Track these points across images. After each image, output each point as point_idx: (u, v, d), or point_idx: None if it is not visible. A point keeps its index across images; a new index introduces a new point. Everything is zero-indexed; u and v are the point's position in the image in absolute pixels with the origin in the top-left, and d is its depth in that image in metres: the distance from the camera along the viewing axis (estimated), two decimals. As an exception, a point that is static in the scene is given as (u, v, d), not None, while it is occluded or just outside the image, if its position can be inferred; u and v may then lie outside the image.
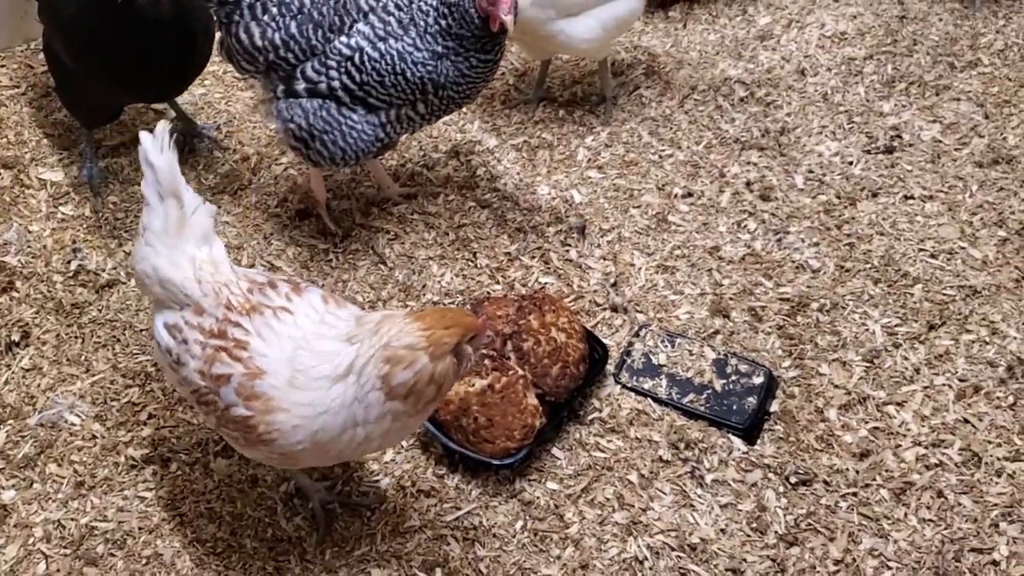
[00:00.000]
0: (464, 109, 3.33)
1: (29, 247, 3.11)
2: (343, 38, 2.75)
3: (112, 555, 2.44)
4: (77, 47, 2.95)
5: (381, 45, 2.73)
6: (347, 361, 1.99)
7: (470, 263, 3.06)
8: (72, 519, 2.50)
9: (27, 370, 2.81)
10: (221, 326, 2.09)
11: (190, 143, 3.43)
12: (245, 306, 2.11)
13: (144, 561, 2.43)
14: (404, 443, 2.62)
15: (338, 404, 2.00)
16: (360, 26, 2.76)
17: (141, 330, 2.89)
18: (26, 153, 3.41)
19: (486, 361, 2.57)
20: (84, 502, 2.53)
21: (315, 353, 2.04)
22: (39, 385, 2.77)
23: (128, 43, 2.81)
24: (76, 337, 2.87)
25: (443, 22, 2.72)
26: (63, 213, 3.22)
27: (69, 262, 3.06)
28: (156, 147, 2.15)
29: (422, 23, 2.74)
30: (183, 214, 2.18)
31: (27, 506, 2.53)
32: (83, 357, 2.83)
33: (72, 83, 3.12)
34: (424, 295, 2.97)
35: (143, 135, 2.17)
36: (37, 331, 2.89)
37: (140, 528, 2.48)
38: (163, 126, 2.19)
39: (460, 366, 2.05)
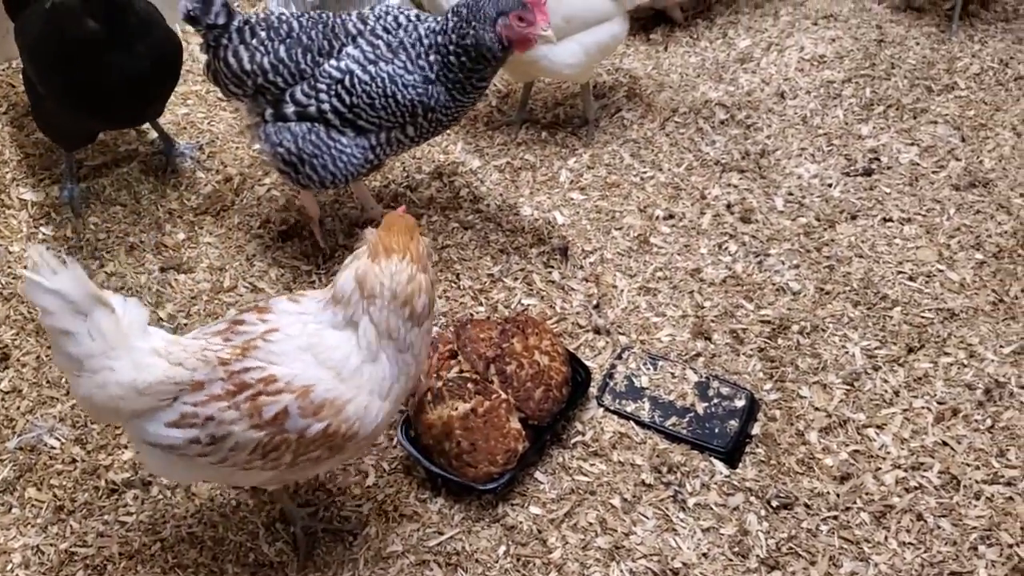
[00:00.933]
0: (447, 131, 3.34)
1: (9, 267, 3.09)
2: (333, 61, 2.76)
3: (92, 581, 2.42)
4: (42, 71, 2.94)
5: (372, 68, 2.74)
6: (370, 336, 2.08)
7: (453, 284, 3.07)
8: (51, 544, 2.48)
9: (6, 392, 2.79)
10: (234, 380, 2.03)
11: (172, 163, 3.42)
12: (236, 352, 2.05)
13: (124, 587, 2.41)
14: (386, 467, 2.62)
15: (391, 363, 2.11)
16: (350, 49, 2.77)
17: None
18: (7, 173, 3.39)
19: (469, 385, 2.57)
20: (64, 527, 2.51)
21: (331, 346, 2.08)
22: (18, 407, 2.75)
23: (84, 68, 2.80)
24: (56, 359, 2.85)
25: (454, 59, 2.73)
26: (43, 233, 3.20)
27: (49, 283, 3.04)
28: (47, 272, 1.90)
29: (414, 51, 2.75)
30: (116, 316, 1.97)
31: (5, 531, 2.50)
32: (63, 379, 2.81)
33: (44, 106, 3.11)
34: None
35: (26, 274, 1.91)
36: (17, 353, 2.87)
37: (120, 553, 2.46)
38: (34, 250, 1.91)
39: None
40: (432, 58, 2.74)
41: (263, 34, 2.78)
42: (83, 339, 1.93)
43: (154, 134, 3.46)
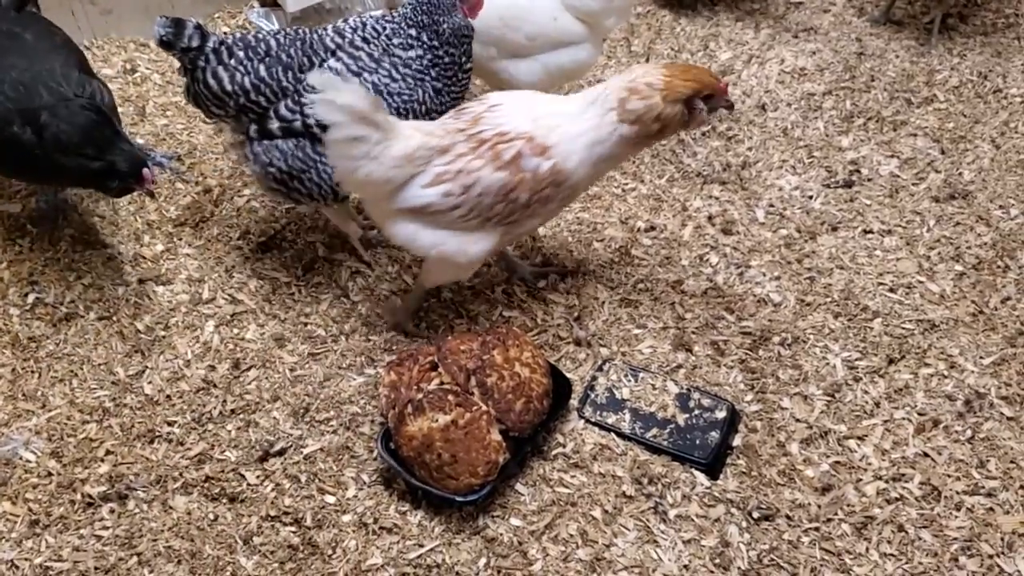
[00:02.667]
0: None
1: (-15, 280, 3.06)
2: None
3: (66, 597, 2.39)
4: None
5: (356, 81, 2.74)
6: (596, 92, 2.59)
7: (433, 297, 3.06)
8: (26, 559, 2.44)
9: (-20, 406, 2.76)
10: (474, 139, 2.56)
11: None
12: (469, 123, 2.59)
13: (99, 603, 2.38)
14: (366, 479, 2.60)
15: (588, 126, 2.57)
16: (332, 63, 2.76)
17: (99, 364, 2.85)
18: (-17, 184, 3.37)
19: (449, 397, 2.56)
20: (38, 541, 2.48)
21: (555, 112, 2.61)
22: (-7, 421, 2.72)
23: None
24: (32, 371, 2.82)
25: (442, 52, 2.78)
26: (20, 245, 3.17)
27: (26, 295, 3.01)
28: (333, 92, 2.37)
29: (398, 56, 2.76)
30: (384, 111, 2.50)
31: (-22, 546, 2.47)
32: (39, 392, 2.78)
33: None
34: (387, 330, 2.96)
35: (316, 97, 2.39)
36: (-8, 366, 2.84)
37: (96, 568, 2.43)
38: (314, 75, 2.42)
39: (690, 119, 2.60)
40: (419, 60, 2.75)
41: (241, 54, 2.77)
42: (369, 135, 2.45)
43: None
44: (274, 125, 2.79)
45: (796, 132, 3.70)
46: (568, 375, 2.77)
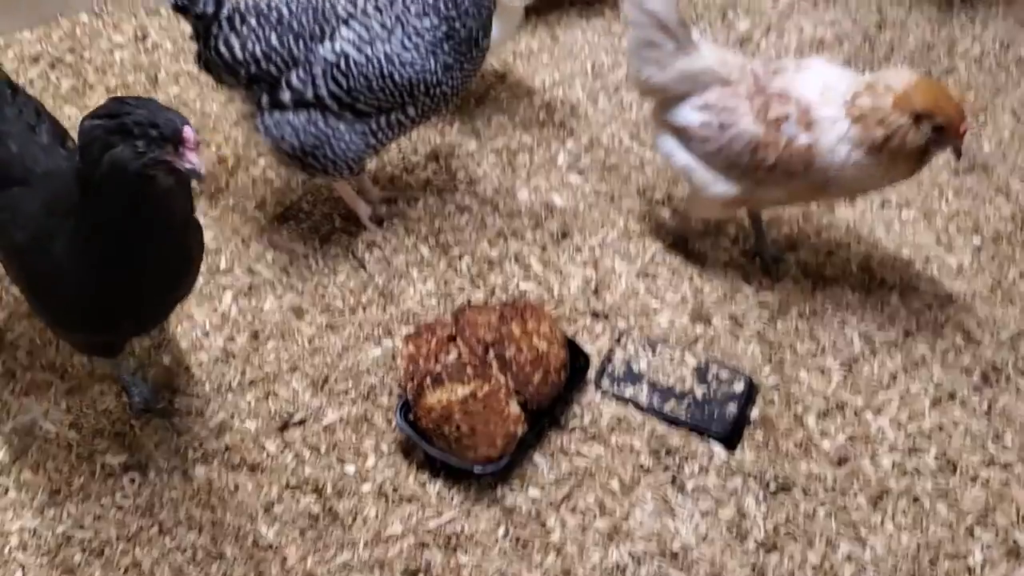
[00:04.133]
0: (448, 108, 3.32)
1: None
2: (327, 44, 2.73)
3: (89, 564, 2.41)
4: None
5: (367, 49, 2.72)
6: (847, 83, 2.57)
7: (450, 268, 3.05)
8: (48, 528, 2.47)
9: None
10: (758, 85, 2.60)
11: None
12: (769, 72, 2.62)
13: (123, 570, 2.40)
14: (385, 450, 2.62)
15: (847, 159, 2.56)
16: (344, 31, 2.74)
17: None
18: None
19: (468, 369, 2.56)
20: (60, 510, 2.50)
21: (834, 89, 2.58)
22: (12, 391, 2.73)
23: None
24: (51, 342, 2.83)
25: (459, 25, 2.72)
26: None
27: (43, 265, 3.01)
28: None
29: (412, 26, 2.72)
30: (687, 26, 2.63)
31: (2, 513, 2.49)
32: (58, 362, 2.79)
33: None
34: (404, 301, 2.96)
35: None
36: (10, 335, 2.84)
37: (118, 537, 2.45)
38: None
39: (925, 147, 2.55)
40: (429, 23, 2.71)
41: (253, 21, 2.75)
42: (664, 44, 2.61)
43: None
44: (285, 96, 2.77)
45: (814, 103, 3.66)
46: (586, 348, 2.78)
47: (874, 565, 2.43)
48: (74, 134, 3.32)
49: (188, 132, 1.99)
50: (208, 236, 3.11)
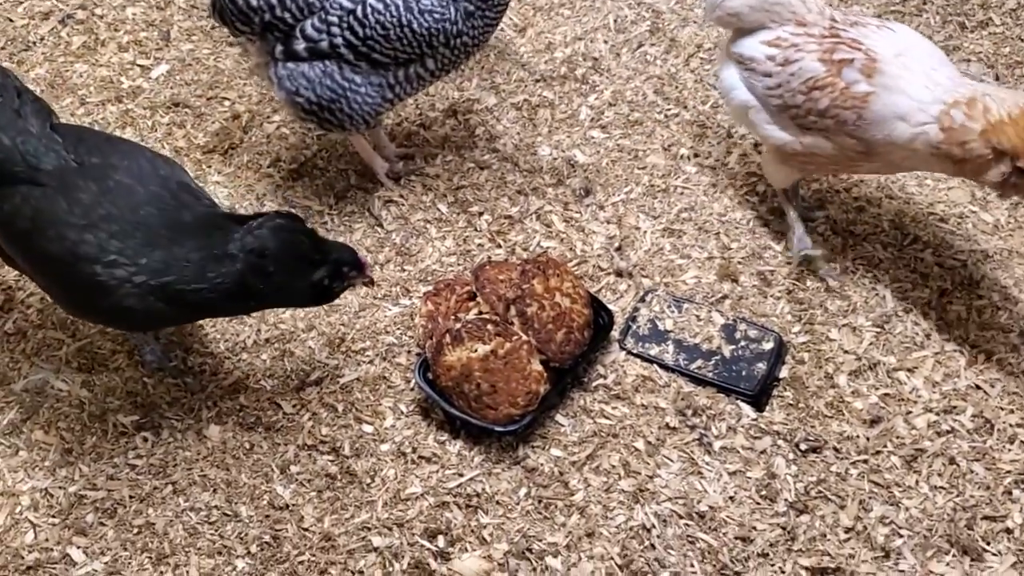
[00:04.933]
0: (467, 62, 3.22)
1: None
2: None
3: (103, 524, 2.37)
4: None
5: None
6: (963, 85, 2.42)
7: (469, 226, 2.97)
8: (60, 487, 2.43)
9: (11, 334, 2.72)
10: (832, 30, 2.55)
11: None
12: (848, 22, 2.57)
13: (136, 530, 2.36)
14: (404, 409, 2.55)
15: (917, 101, 2.41)
16: None
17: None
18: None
19: (488, 326, 2.49)
20: (72, 470, 2.46)
21: (920, 68, 2.45)
22: (23, 350, 2.68)
23: None
24: (62, 300, 2.77)
25: None
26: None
27: (54, 223, 2.95)
28: None
29: None
30: None
31: (13, 474, 2.45)
32: (69, 321, 2.73)
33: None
34: (422, 260, 2.89)
35: None
36: (21, 294, 2.79)
37: (131, 496, 2.41)
38: None
39: (1002, 182, 2.38)
40: None
41: None
42: None
43: (157, 70, 3.36)
44: (300, 45, 2.69)
45: (843, 57, 3.54)
46: (609, 306, 2.70)
47: (909, 527, 2.35)
48: (84, 93, 3.31)
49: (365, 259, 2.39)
50: (222, 194, 3.06)
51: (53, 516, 2.38)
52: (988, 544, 2.33)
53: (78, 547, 2.33)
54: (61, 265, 2.20)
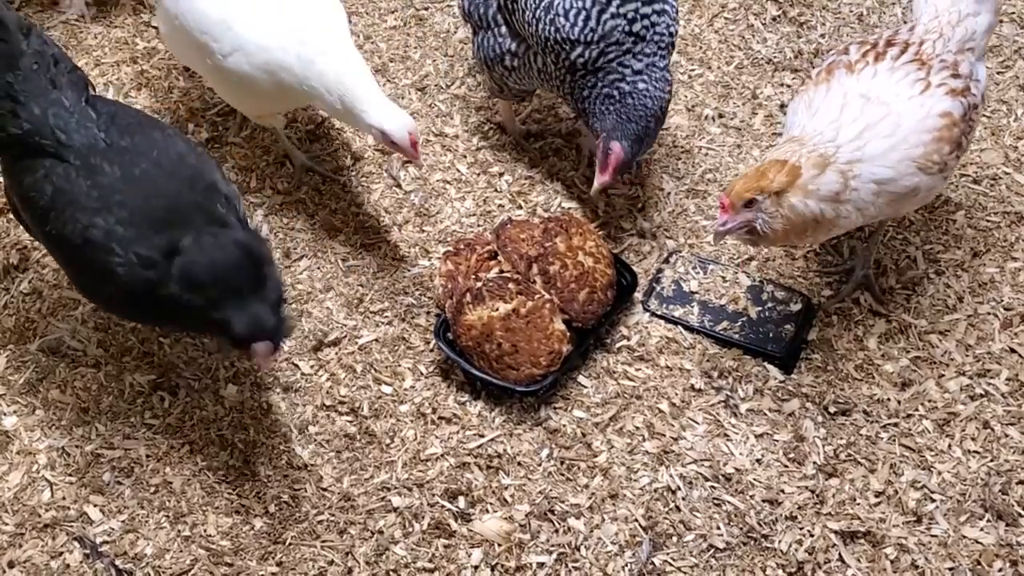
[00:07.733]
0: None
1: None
2: None
3: (119, 483, 2.34)
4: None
5: None
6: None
7: (489, 187, 2.92)
8: (77, 446, 2.40)
9: (27, 294, 2.68)
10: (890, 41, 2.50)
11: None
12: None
13: (153, 489, 2.33)
14: (423, 370, 2.51)
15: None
16: None
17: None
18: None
19: (510, 285, 2.44)
20: (89, 429, 2.42)
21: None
22: (39, 310, 2.65)
23: None
24: (78, 260, 2.74)
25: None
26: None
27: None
28: None
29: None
30: None
31: (30, 432, 2.42)
32: (85, 281, 2.69)
33: None
34: (441, 220, 2.84)
35: None
36: (36, 254, 2.76)
37: (148, 456, 2.38)
38: None
39: None
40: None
41: None
42: None
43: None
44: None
45: (872, 18, 3.45)
46: (632, 267, 2.64)
47: (941, 491, 2.30)
48: (99, 54, 3.26)
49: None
50: (239, 154, 3.01)
51: (70, 475, 2.35)
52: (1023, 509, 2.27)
53: (95, 505, 2.30)
54: (70, 247, 2.13)
